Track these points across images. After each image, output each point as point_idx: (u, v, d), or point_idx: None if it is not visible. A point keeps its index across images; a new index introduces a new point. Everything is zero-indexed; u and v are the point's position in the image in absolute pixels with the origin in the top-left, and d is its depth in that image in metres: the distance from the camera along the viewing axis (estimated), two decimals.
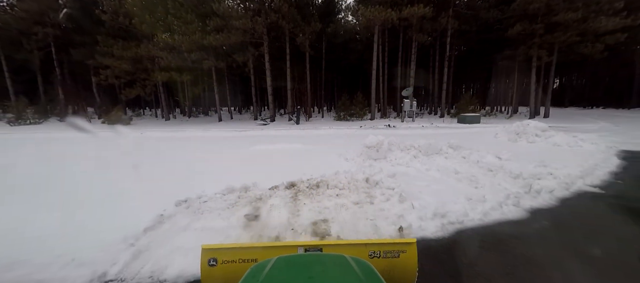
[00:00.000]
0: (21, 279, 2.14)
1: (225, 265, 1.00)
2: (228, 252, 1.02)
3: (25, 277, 2.16)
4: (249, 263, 0.98)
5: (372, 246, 1.05)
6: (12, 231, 2.80)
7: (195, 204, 3.71)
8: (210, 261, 1.00)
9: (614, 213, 3.51)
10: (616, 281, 2.18)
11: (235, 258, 1.01)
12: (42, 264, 2.30)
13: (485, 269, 2.36)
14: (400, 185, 4.25)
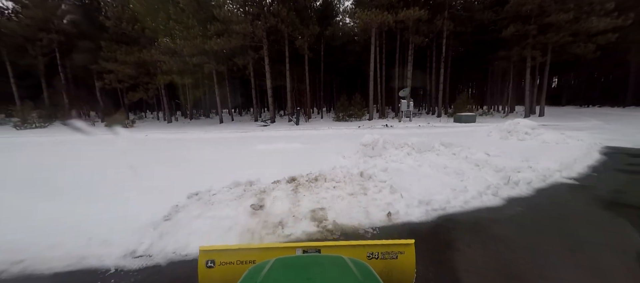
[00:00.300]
0: (67, 255, 2.54)
1: (223, 267, 0.99)
2: (226, 253, 1.01)
3: (70, 254, 2.56)
4: (247, 265, 0.98)
5: (370, 247, 1.05)
6: (56, 220, 3.20)
7: (206, 197, 4.10)
8: (207, 263, 0.99)
9: (583, 201, 3.91)
10: (577, 255, 2.57)
11: (233, 259, 1.00)
12: (82, 245, 2.70)
13: (461, 245, 2.75)
14: (392, 178, 4.66)
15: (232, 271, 0.98)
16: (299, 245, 1.04)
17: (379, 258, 1.03)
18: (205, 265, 0.99)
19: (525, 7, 17.85)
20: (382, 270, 1.00)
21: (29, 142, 11.32)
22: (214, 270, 0.99)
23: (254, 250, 1.05)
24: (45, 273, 2.41)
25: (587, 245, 2.70)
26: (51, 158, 7.59)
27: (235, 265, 0.99)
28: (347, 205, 3.74)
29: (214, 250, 1.02)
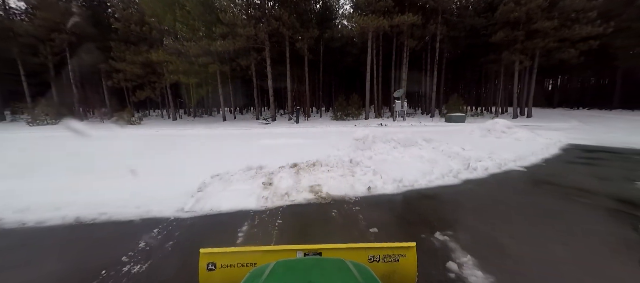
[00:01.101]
0: (137, 210, 3.59)
1: (224, 270, 0.99)
2: (227, 256, 1.01)
3: (139, 209, 3.61)
4: (248, 268, 0.98)
5: (371, 250, 1.04)
6: (122, 190, 4.25)
7: (225, 177, 5.14)
8: (208, 266, 0.99)
9: (521, 181, 4.98)
10: (501, 212, 3.62)
11: (233, 262, 1.00)
12: (145, 204, 3.74)
13: (421, 209, 3.79)
14: (376, 165, 5.72)
15: (233, 274, 0.97)
16: (300, 248, 1.02)
17: (381, 261, 1.02)
18: (206, 268, 0.98)
19: (513, 14, 18.94)
20: (383, 273, 1.00)
21: (61, 137, 12.28)
22: (215, 272, 0.98)
23: (255, 252, 1.03)
24: (122, 220, 3.45)
25: (510, 206, 3.77)
26: (95, 150, 8.63)
27: (236, 267, 0.98)
28: (338, 182, 4.80)
29: (215, 252, 1.01)
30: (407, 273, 1.04)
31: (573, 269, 2.31)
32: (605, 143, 9.11)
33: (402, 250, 1.04)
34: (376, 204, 3.91)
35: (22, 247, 2.83)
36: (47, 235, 3.09)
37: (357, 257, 1.00)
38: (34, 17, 19.54)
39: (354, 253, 1.03)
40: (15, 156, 7.74)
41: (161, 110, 28.93)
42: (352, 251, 1.04)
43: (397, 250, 1.04)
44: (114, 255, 2.55)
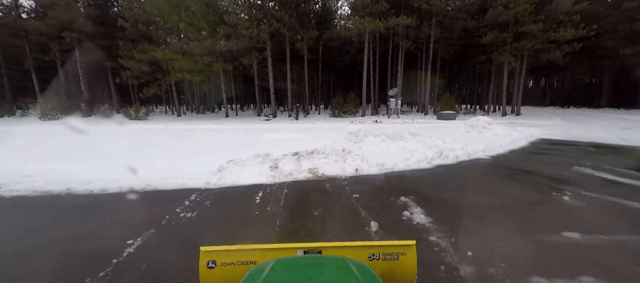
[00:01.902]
0: (173, 183, 4.64)
1: (224, 268, 0.99)
2: (227, 254, 1.01)
3: (175, 183, 4.66)
4: (248, 266, 0.98)
5: (371, 248, 1.03)
6: (159, 170, 5.29)
7: (238, 162, 6.19)
8: (208, 263, 0.99)
9: (483, 166, 6.05)
10: (461, 187, 4.69)
11: (234, 260, 1.00)
12: (179, 179, 4.80)
13: (394, 184, 4.86)
14: (365, 153, 6.78)
15: (233, 272, 0.98)
16: (300, 246, 1.03)
17: (380, 259, 1.02)
18: (206, 265, 0.99)
19: (502, 17, 19.98)
20: (383, 271, 1.01)
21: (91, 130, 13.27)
22: (215, 270, 0.99)
23: (255, 250, 1.03)
24: (162, 189, 4.50)
25: (463, 181, 4.85)
26: (125, 141, 9.66)
27: (236, 265, 0.99)
28: (332, 166, 5.86)
29: (215, 250, 1.01)
30: (407, 271, 1.04)
31: (486, 211, 3.38)
32: (572, 137, 10.21)
33: (402, 248, 1.04)
34: (360, 181, 4.99)
35: (99, 204, 3.88)
36: (114, 198, 4.15)
37: (357, 255, 1.01)
38: (45, 16, 20.39)
39: (354, 251, 1.03)
40: (60, 145, 8.76)
41: (165, 106, 29.88)
42: (352, 249, 1.04)
43: (397, 248, 1.04)
44: (170, 209, 3.61)
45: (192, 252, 2.44)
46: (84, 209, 3.72)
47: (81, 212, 3.63)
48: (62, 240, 2.89)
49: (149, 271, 2.31)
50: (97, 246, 2.73)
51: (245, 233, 2.98)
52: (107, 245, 2.71)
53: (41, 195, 4.22)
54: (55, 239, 2.91)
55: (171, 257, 2.54)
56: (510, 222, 3.23)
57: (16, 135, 11.35)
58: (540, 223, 3.15)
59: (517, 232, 2.96)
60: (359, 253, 1.02)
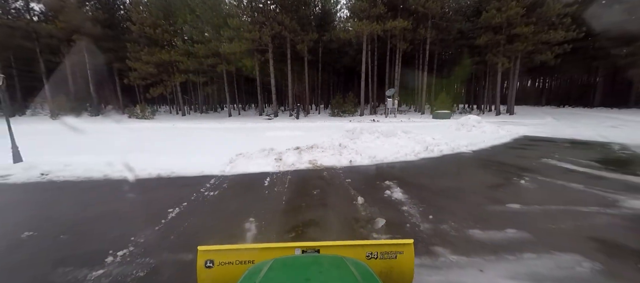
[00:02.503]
0: (193, 171, 5.45)
1: (222, 267, 0.99)
2: (225, 253, 1.01)
3: (195, 171, 5.47)
4: (246, 265, 0.98)
5: (369, 247, 1.04)
6: (179, 162, 6.10)
7: (247, 155, 6.99)
8: (206, 263, 0.99)
9: (466, 160, 6.83)
10: (437, 175, 5.47)
11: (232, 259, 1.00)
12: (198, 168, 5.60)
13: (384, 173, 5.64)
14: (359, 148, 7.57)
15: (231, 271, 0.98)
16: (298, 245, 1.03)
17: (378, 258, 1.03)
18: (204, 265, 0.99)
19: (495, 20, 20.72)
20: (381, 270, 1.01)
21: (105, 129, 14.11)
22: (213, 270, 0.99)
23: (253, 250, 1.03)
24: (185, 176, 5.29)
25: (442, 170, 5.64)
26: (139, 138, 10.47)
27: (234, 265, 0.99)
28: (329, 158, 6.66)
29: (213, 250, 1.01)
30: (405, 270, 1.04)
31: (453, 191, 4.16)
32: (555, 135, 10.96)
33: (400, 247, 1.04)
34: (354, 170, 5.78)
35: (136, 186, 4.68)
36: (147, 182, 4.95)
37: (354, 254, 1.01)
38: (56, 19, 21.20)
39: (351, 250, 1.03)
40: (81, 141, 9.57)
41: (169, 106, 30.70)
42: (350, 248, 1.04)
43: (395, 247, 1.04)
44: (195, 189, 4.41)
45: (219, 217, 3.27)
46: (125, 190, 4.53)
47: (123, 192, 4.44)
48: (118, 210, 3.70)
49: (189, 228, 3.11)
50: (147, 213, 3.54)
51: (258, 205, 3.77)
52: (155, 212, 3.50)
53: (85, 180, 5.03)
54: (113, 209, 3.72)
55: (203, 220, 3.34)
56: (470, 198, 4.02)
57: (40, 133, 12.16)
58: (493, 198, 3.94)
59: (472, 204, 3.75)
60: (357, 252, 1.02)
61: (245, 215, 3.40)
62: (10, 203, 4.08)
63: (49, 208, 3.72)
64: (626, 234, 2.85)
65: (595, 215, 3.33)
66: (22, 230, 3.02)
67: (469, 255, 2.47)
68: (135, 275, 2.23)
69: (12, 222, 3.30)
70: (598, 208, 3.50)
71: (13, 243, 2.81)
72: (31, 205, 3.97)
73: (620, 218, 3.24)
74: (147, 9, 21.67)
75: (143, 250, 2.61)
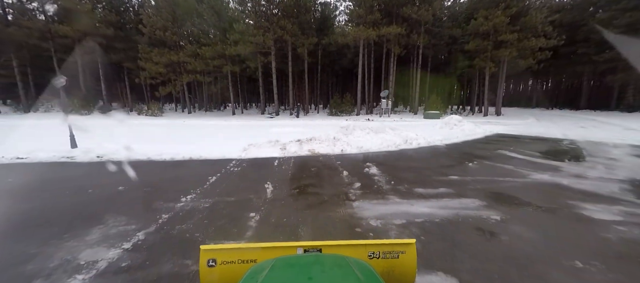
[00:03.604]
0: (214, 155, 6.90)
1: (224, 266, 1.00)
2: (227, 252, 1.02)
3: (216, 155, 6.92)
4: (248, 264, 0.99)
5: (371, 247, 1.04)
6: (201, 149, 7.54)
7: (256, 145, 8.44)
8: (209, 262, 1.00)
9: (436, 150, 8.31)
10: (409, 160, 6.94)
11: (234, 259, 1.01)
12: (218, 153, 7.05)
13: (366, 158, 7.10)
14: (350, 141, 9.04)
15: (234, 270, 0.99)
16: (300, 245, 1.03)
17: (380, 257, 1.03)
18: (206, 264, 1.00)
19: (482, 27, 22.26)
20: (383, 270, 1.02)
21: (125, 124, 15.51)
22: (216, 269, 1.00)
23: (255, 249, 1.04)
24: (211, 158, 6.74)
25: (415, 158, 7.11)
26: (159, 131, 11.90)
27: (236, 264, 1.00)
28: (325, 148, 8.12)
29: (216, 249, 1.02)
30: (407, 270, 1.04)
31: (414, 169, 5.62)
32: (524, 133, 12.46)
33: (402, 247, 1.05)
34: (344, 156, 7.25)
35: (176, 165, 6.13)
36: (183, 162, 6.39)
37: (356, 254, 1.01)
38: (70, 21, 22.54)
39: (353, 249, 1.03)
40: (110, 133, 10.97)
41: (175, 104, 32.09)
42: (352, 248, 1.04)
43: (397, 247, 1.05)
44: (222, 167, 5.85)
45: (245, 182, 4.76)
46: (169, 167, 5.98)
47: (169, 168, 5.89)
48: (173, 178, 5.15)
49: (226, 186, 4.56)
50: (194, 179, 4.97)
51: (271, 176, 5.22)
52: (199, 179, 4.95)
53: (134, 161, 6.47)
54: (169, 177, 5.18)
55: (234, 183, 4.80)
56: (424, 172, 5.49)
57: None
58: (441, 173, 5.42)
59: (423, 176, 5.22)
60: (359, 252, 1.03)
61: (263, 181, 4.86)
62: (91, 174, 5.52)
63: (121, 176, 5.16)
64: (515, 191, 4.33)
65: (505, 182, 4.81)
66: (115, 186, 4.47)
67: (408, 199, 3.94)
68: (203, 206, 3.68)
69: (103, 184, 4.74)
70: (511, 179, 4.99)
71: (115, 192, 4.27)
72: (106, 175, 5.40)
73: (520, 184, 4.73)
74: (158, 13, 23.06)
75: (202, 196, 4.07)
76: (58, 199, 4.02)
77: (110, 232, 2.93)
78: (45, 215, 3.46)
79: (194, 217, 3.35)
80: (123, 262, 2.40)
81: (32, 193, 4.25)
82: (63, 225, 3.10)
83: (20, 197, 4.06)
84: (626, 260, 2.47)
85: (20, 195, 4.18)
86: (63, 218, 3.36)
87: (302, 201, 3.93)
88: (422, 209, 3.57)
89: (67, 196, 4.14)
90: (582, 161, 6.57)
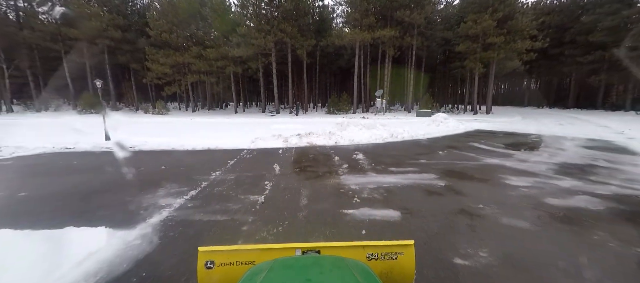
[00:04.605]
0: (227, 146, 8.20)
1: (223, 268, 0.99)
2: (225, 254, 1.01)
3: (228, 146, 8.22)
4: (247, 266, 0.98)
5: (369, 248, 1.04)
6: (215, 141, 8.84)
7: (262, 138, 9.74)
8: (207, 264, 0.99)
9: (416, 142, 9.62)
10: (391, 151, 8.25)
11: (232, 260, 1.00)
12: (230, 144, 8.35)
13: (356, 148, 8.41)
14: (343, 135, 10.36)
15: (232, 272, 0.98)
16: (299, 246, 1.03)
17: (379, 259, 1.03)
18: (204, 266, 0.99)
19: (471, 30, 23.57)
20: (381, 271, 1.02)
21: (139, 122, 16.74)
22: (214, 271, 0.99)
23: (253, 250, 1.03)
24: (226, 148, 8.03)
25: (398, 148, 8.44)
26: (172, 127, 13.17)
27: (234, 266, 0.99)
28: (321, 141, 9.43)
29: (213, 250, 1.01)
30: (406, 271, 1.04)
31: (393, 156, 6.93)
32: (502, 129, 13.76)
33: (401, 248, 1.05)
34: (337, 147, 8.56)
35: (197, 153, 7.41)
36: (203, 151, 7.68)
37: (355, 255, 1.01)
38: (81, 24, 23.71)
39: (352, 251, 1.03)
40: (138, 129, 12.23)
41: (178, 103, 33.33)
42: (350, 249, 1.04)
43: (396, 248, 1.04)
44: (236, 154, 7.14)
45: (258, 164, 6.17)
46: (192, 155, 7.27)
47: (192, 155, 7.19)
48: (199, 161, 6.44)
49: (244, 167, 5.86)
50: (216, 163, 6.25)
51: (278, 160, 6.50)
52: (220, 162, 6.23)
53: (162, 150, 7.76)
54: (195, 161, 6.47)
55: (250, 164, 6.10)
56: (400, 158, 6.80)
57: (90, 125, 14.80)
58: (414, 158, 6.73)
59: (399, 159, 6.53)
60: (357, 253, 1.03)
61: (271, 163, 6.16)
62: (133, 159, 6.81)
63: (157, 160, 6.44)
64: (465, 169, 5.64)
65: (461, 164, 6.14)
66: (158, 166, 5.77)
67: (382, 174, 5.25)
68: (229, 178, 4.98)
69: (148, 165, 6.02)
70: (467, 162, 6.32)
71: (159, 170, 5.57)
72: (145, 160, 6.68)
73: (472, 165, 6.05)
74: (163, 16, 24.26)
75: (226, 172, 5.37)
76: (123, 174, 5.33)
77: (171, 191, 4.24)
78: (122, 182, 4.80)
79: (224, 184, 4.66)
80: (189, 203, 3.72)
81: (100, 171, 5.57)
82: (137, 188, 4.40)
83: (94, 174, 5.37)
84: (515, 204, 3.79)
85: (93, 172, 5.50)
86: (135, 184, 4.68)
87: (302, 175, 5.24)
88: (391, 179, 4.89)
89: (127, 172, 5.44)
90: (534, 151, 7.90)
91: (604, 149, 8.06)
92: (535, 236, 2.94)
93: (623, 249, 2.66)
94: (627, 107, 26.75)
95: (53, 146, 7.88)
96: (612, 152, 7.67)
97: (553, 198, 3.97)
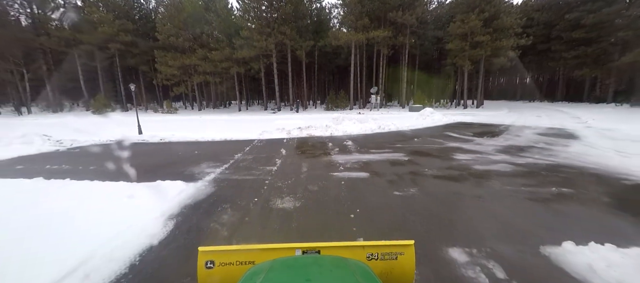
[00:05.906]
0: (240, 138, 9.88)
1: (223, 268, 1.00)
2: (225, 254, 1.01)
3: (252, 137, 9.90)
4: (247, 266, 0.99)
5: (370, 248, 1.04)
6: (225, 134, 10.52)
7: (268, 131, 11.42)
8: (207, 264, 1.00)
9: (400, 133, 11.27)
10: (377, 140, 9.90)
11: (232, 260, 1.00)
12: (241, 135, 10.03)
13: (348, 138, 10.07)
14: (338, 128, 12.03)
15: (232, 272, 0.98)
16: (299, 246, 1.03)
17: (379, 259, 1.03)
18: (204, 266, 1.00)
19: (460, 29, 25.09)
20: (381, 271, 1.02)
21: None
22: (214, 271, 0.99)
23: (254, 250, 1.03)
24: (239, 139, 9.70)
25: (384, 138, 10.11)
26: (185, 124, 14.84)
27: (234, 266, 1.00)
28: (319, 133, 11.10)
29: (214, 250, 1.01)
30: (406, 271, 1.04)
31: (377, 143, 8.58)
32: (482, 121, 15.36)
33: (401, 248, 1.04)
34: (332, 138, 10.23)
35: (216, 143, 9.10)
36: (220, 142, 9.36)
37: (355, 255, 1.01)
38: (94, 29, 25.33)
39: (352, 251, 1.03)
40: (160, 126, 13.90)
41: (184, 102, 35.00)
42: (350, 249, 1.04)
43: (396, 248, 1.04)
44: (248, 143, 8.81)
45: (268, 150, 7.89)
46: (213, 144, 8.95)
47: (213, 145, 8.87)
48: (221, 148, 8.12)
49: (257, 152, 7.54)
50: (235, 149, 7.92)
51: (283, 147, 8.17)
52: (238, 149, 7.90)
53: (187, 142, 9.42)
54: (218, 149, 8.15)
55: (262, 150, 7.78)
56: (381, 144, 8.46)
57: (112, 123, 16.48)
58: (392, 143, 8.39)
59: (379, 144, 8.20)
60: (357, 253, 1.03)
61: (278, 149, 7.83)
62: (169, 147, 8.49)
63: (188, 148, 8.11)
64: (428, 150, 7.30)
65: (427, 146, 7.81)
66: (192, 152, 7.45)
67: (364, 154, 6.92)
68: (249, 158, 6.66)
69: (183, 151, 7.70)
70: (432, 146, 7.99)
71: (193, 154, 7.25)
72: (178, 148, 8.35)
73: (435, 147, 7.72)
74: (170, 20, 25.82)
75: (245, 154, 7.04)
76: (169, 156, 7.04)
77: (210, 165, 5.93)
78: (173, 161, 6.52)
79: (246, 161, 6.34)
80: (226, 171, 5.42)
81: (150, 155, 7.25)
82: (186, 164, 6.10)
83: (147, 157, 7.06)
84: (449, 168, 5.46)
85: (144, 156, 7.19)
86: (182, 162, 6.40)
87: (303, 156, 6.91)
88: (369, 157, 6.56)
89: (172, 155, 7.14)
90: (494, 137, 9.55)
91: (553, 135, 9.69)
92: (452, 183, 4.62)
93: (509, 188, 4.34)
94: (609, 100, 28.30)
95: (98, 139, 9.57)
96: (558, 137, 9.30)
97: (479, 166, 5.65)
